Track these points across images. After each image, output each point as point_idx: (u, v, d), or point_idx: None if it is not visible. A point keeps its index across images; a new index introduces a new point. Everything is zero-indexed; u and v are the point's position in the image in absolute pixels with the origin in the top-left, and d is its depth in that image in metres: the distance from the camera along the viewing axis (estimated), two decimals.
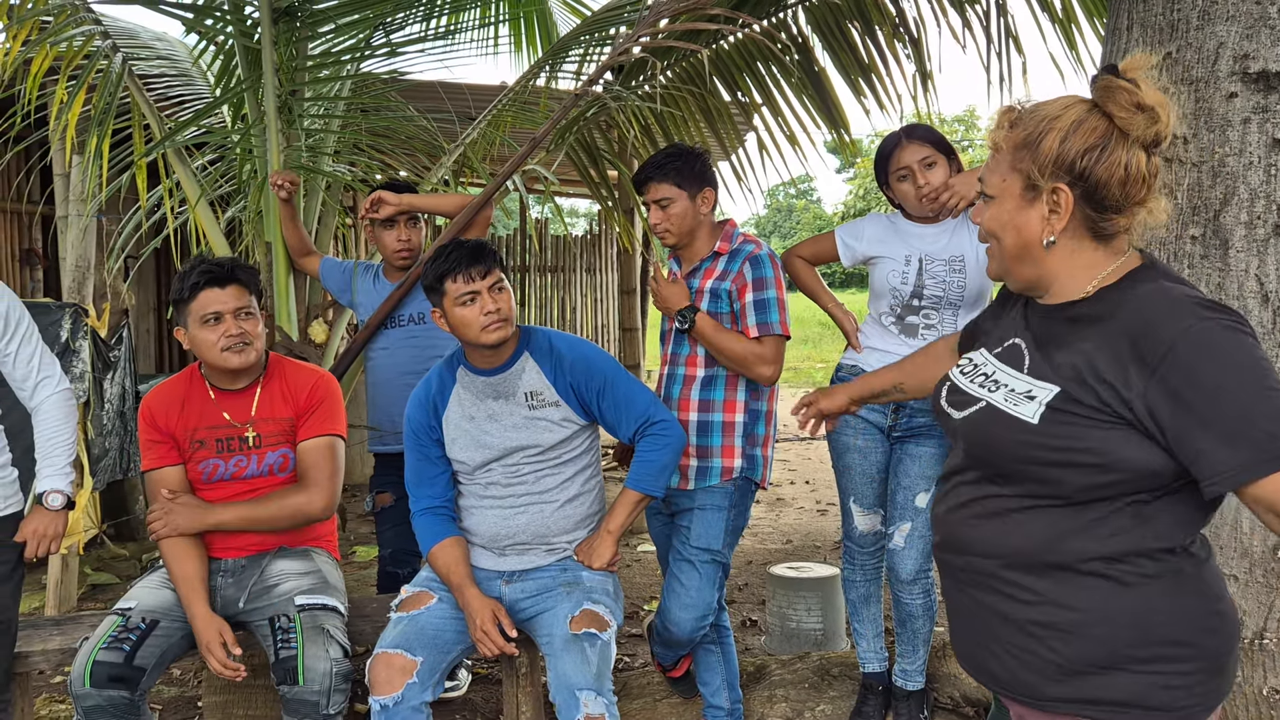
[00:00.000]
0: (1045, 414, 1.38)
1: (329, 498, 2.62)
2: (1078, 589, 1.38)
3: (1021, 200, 1.43)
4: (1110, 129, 1.37)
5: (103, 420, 4.70)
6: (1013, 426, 1.41)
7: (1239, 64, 2.26)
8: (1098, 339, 1.38)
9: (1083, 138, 1.38)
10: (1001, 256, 1.48)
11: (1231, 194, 2.28)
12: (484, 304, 2.44)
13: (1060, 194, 1.39)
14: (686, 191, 2.68)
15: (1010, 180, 1.43)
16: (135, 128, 3.85)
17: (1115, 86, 1.37)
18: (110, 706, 2.32)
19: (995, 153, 1.45)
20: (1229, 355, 1.28)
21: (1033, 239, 1.43)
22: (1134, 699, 1.36)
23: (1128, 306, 1.37)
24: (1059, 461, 1.37)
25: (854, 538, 2.90)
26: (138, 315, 7.93)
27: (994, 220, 1.47)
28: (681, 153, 2.72)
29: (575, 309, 10.78)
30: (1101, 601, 1.37)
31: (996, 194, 1.46)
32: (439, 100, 4.26)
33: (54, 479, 2.54)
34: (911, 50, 4.07)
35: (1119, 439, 1.33)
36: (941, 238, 2.74)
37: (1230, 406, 1.26)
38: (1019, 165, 1.42)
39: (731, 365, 2.66)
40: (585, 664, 2.30)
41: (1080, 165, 1.38)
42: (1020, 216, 1.43)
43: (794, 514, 6.68)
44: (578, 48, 4.09)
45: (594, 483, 2.63)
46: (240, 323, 2.55)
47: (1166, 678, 1.35)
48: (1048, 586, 1.40)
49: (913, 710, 2.89)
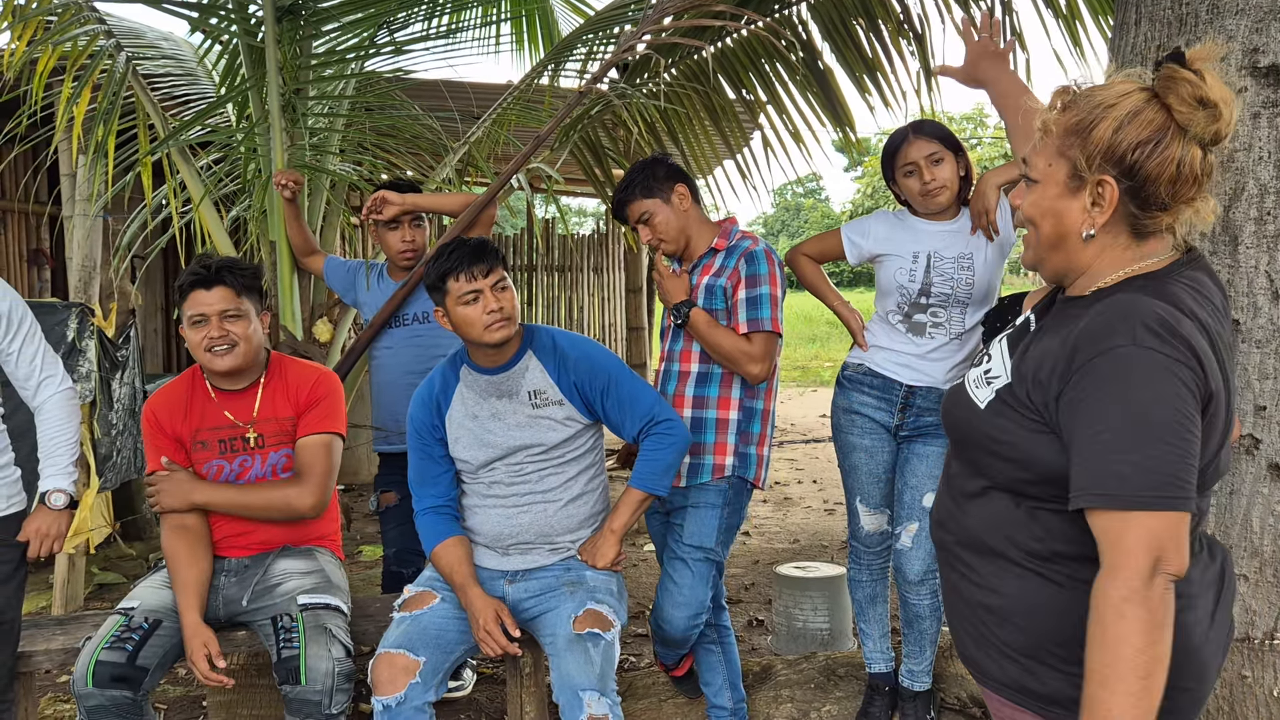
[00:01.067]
0: (991, 401, 1.39)
1: (320, 495, 2.60)
2: (1012, 577, 1.39)
3: (1065, 188, 1.36)
4: (1168, 123, 1.30)
5: (110, 420, 4.70)
6: (967, 407, 1.44)
7: (1249, 58, 2.24)
8: (1061, 336, 1.35)
9: (1137, 130, 1.30)
10: (1037, 244, 1.43)
11: (1240, 189, 2.26)
12: (487, 303, 2.43)
13: (1106, 187, 1.32)
14: (659, 197, 2.71)
15: (1055, 166, 1.37)
16: (140, 127, 3.85)
17: (1179, 78, 1.29)
18: (113, 706, 2.32)
19: (1044, 135, 1.38)
20: (1140, 385, 1.23)
21: (1071, 229, 1.37)
22: (1055, 695, 1.35)
23: (1094, 311, 1.32)
24: (991, 450, 1.38)
25: (860, 538, 2.89)
26: (145, 315, 7.94)
27: (1034, 206, 1.40)
28: (641, 167, 2.75)
29: (582, 308, 10.77)
30: (1029, 592, 1.37)
31: (1040, 178, 1.39)
32: (443, 99, 4.25)
33: (56, 478, 2.54)
34: (916, 47, 4.05)
35: (1039, 442, 1.33)
36: (949, 235, 2.72)
37: (1106, 429, 1.23)
38: (1067, 152, 1.35)
39: (722, 362, 2.65)
40: (589, 664, 2.29)
41: (1131, 159, 1.30)
42: (1061, 204, 1.37)
43: (801, 513, 6.66)
44: (582, 46, 4.08)
45: (598, 482, 2.62)
46: (226, 324, 2.53)
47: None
48: (988, 570, 1.42)
49: (919, 711, 2.87)
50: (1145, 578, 1.21)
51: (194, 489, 2.56)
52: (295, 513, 2.60)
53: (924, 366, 2.72)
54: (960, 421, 1.45)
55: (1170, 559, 1.21)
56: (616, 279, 10.60)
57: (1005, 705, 1.44)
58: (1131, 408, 1.23)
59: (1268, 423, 2.25)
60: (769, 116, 4.35)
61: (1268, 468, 2.25)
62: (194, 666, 2.38)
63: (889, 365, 2.75)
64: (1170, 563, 1.21)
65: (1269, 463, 2.25)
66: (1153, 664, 1.20)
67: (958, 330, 2.71)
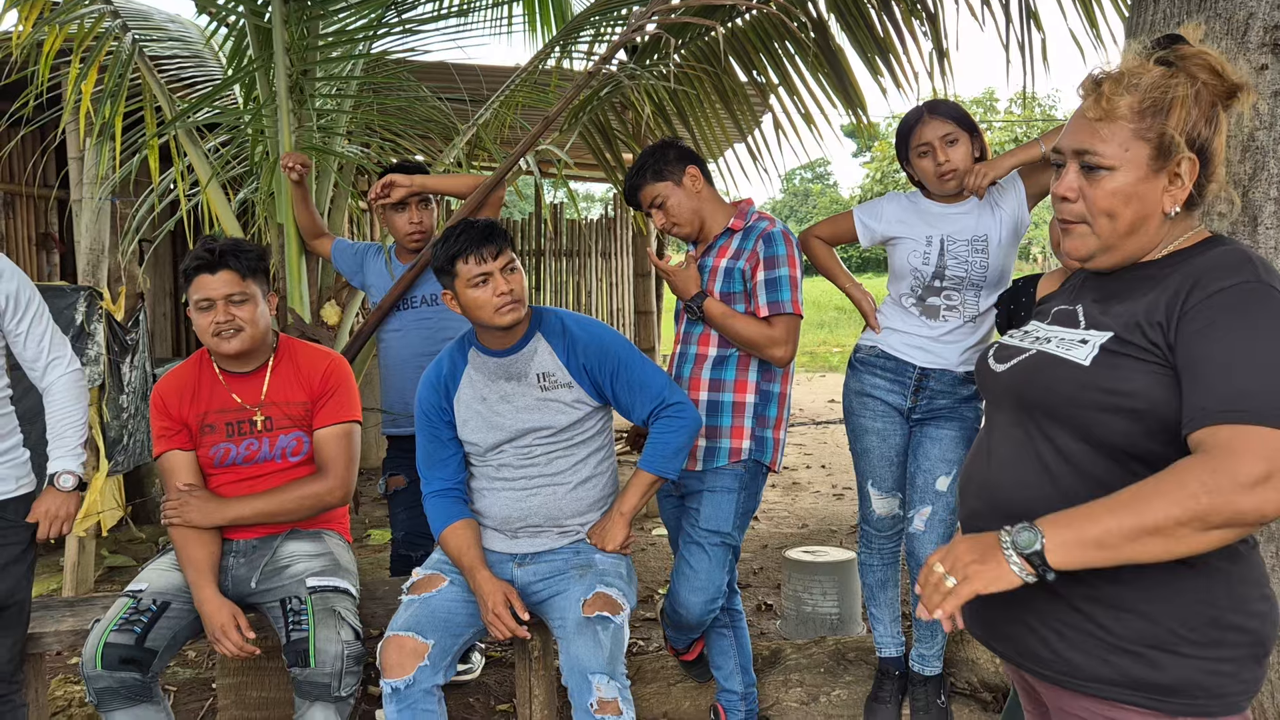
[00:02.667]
0: (1098, 356, 1.36)
1: (346, 486, 2.62)
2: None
3: (1147, 170, 1.36)
4: (1213, 98, 1.35)
5: (121, 404, 4.70)
6: (1065, 368, 1.39)
7: (1269, 35, 2.20)
8: (1160, 289, 1.35)
9: (1203, 108, 1.35)
10: (1111, 232, 1.40)
11: (1260, 169, 2.22)
12: (496, 285, 2.41)
13: (1186, 163, 1.35)
14: (671, 180, 2.69)
15: (1135, 149, 1.36)
16: (147, 109, 3.83)
17: (1192, 54, 1.36)
18: (122, 688, 2.32)
19: (1108, 121, 1.37)
20: (1269, 315, 1.25)
21: (1153, 210, 1.38)
22: (1181, 684, 1.30)
23: (1197, 261, 1.35)
24: (1106, 405, 1.33)
25: (871, 521, 2.87)
26: (153, 299, 7.94)
27: (1114, 195, 1.38)
28: (651, 151, 2.74)
29: (590, 293, 10.75)
30: (1162, 577, 1.32)
31: (1117, 164, 1.37)
32: (451, 81, 4.22)
33: (65, 460, 2.54)
34: (929, 27, 4.00)
35: (1163, 383, 1.30)
36: (963, 218, 2.68)
37: (1235, 353, 1.24)
38: (1147, 134, 1.35)
39: (744, 348, 2.63)
40: (598, 647, 2.28)
41: (1204, 135, 1.35)
42: (1143, 186, 1.37)
43: (810, 498, 6.65)
44: (590, 27, 4.04)
45: (607, 465, 2.60)
46: (232, 309, 2.51)
47: (1215, 663, 1.30)
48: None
49: (930, 695, 2.86)
50: (1246, 481, 1.18)
51: (222, 508, 2.55)
52: (326, 506, 2.62)
53: (937, 349, 2.70)
54: (1057, 385, 1.39)
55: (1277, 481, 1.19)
56: (624, 264, 10.57)
57: (1105, 705, 1.36)
58: (1261, 335, 1.24)
59: None
60: (779, 98, 4.30)
61: None
62: (222, 639, 2.37)
63: (902, 348, 2.73)
64: (1276, 485, 1.18)
65: None
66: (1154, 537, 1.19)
67: (972, 313, 2.69)
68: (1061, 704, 1.42)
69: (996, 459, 1.49)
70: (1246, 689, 1.33)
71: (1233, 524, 1.18)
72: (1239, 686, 1.31)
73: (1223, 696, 1.30)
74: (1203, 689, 1.30)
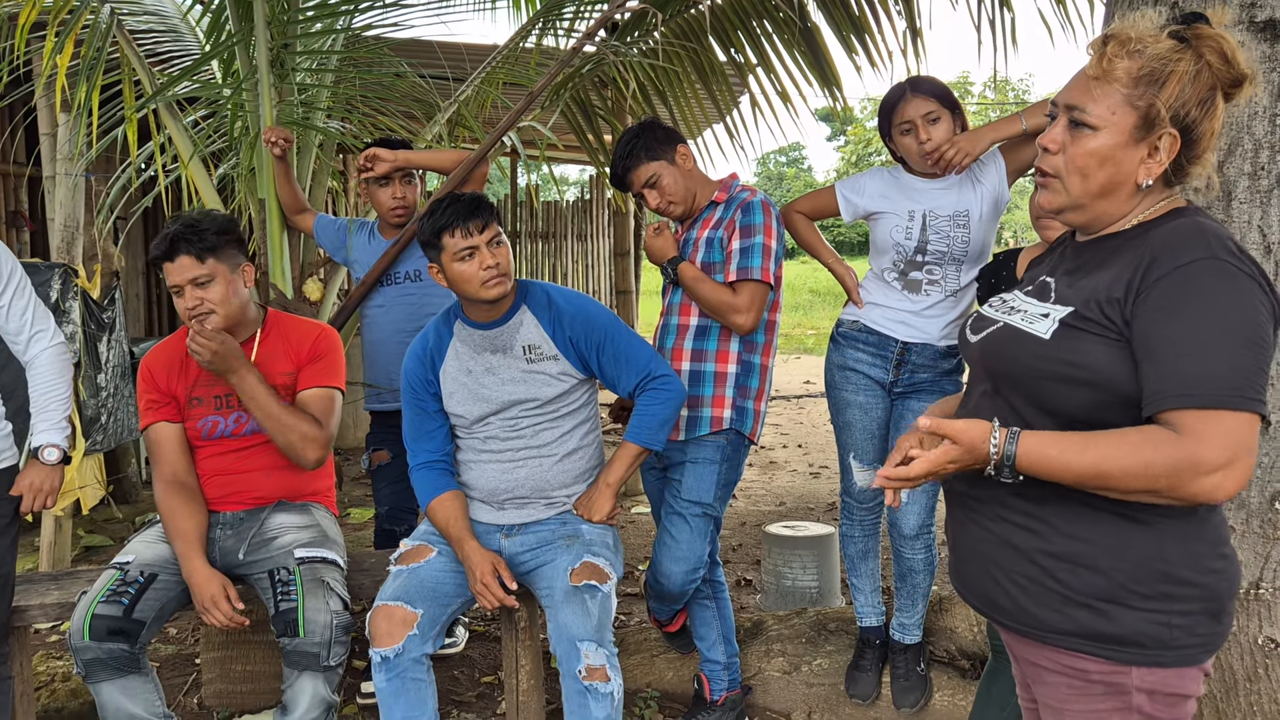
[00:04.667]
0: (1057, 330, 1.40)
1: (325, 445, 2.59)
2: (1085, 519, 1.39)
3: (1129, 137, 1.38)
4: (1214, 82, 1.36)
5: (98, 382, 4.66)
6: (1026, 341, 1.43)
7: (1245, 13, 2.24)
8: (1122, 263, 1.39)
9: (1198, 89, 1.36)
10: (1082, 190, 1.43)
11: (1236, 145, 2.27)
12: (483, 259, 2.42)
13: (1169, 139, 1.37)
14: (665, 159, 2.70)
15: (1121, 114, 1.38)
16: (125, 82, 3.79)
17: (1211, 35, 1.36)
18: (110, 659, 2.32)
19: (1104, 81, 1.39)
20: (1222, 294, 1.29)
21: (1126, 178, 1.40)
22: (1132, 635, 1.37)
23: (1159, 235, 1.38)
24: (1064, 377, 1.38)
25: (853, 494, 2.91)
26: (126, 278, 7.86)
27: (1092, 154, 1.40)
28: (638, 131, 2.74)
29: (566, 275, 10.75)
30: (1114, 535, 1.38)
31: (1101, 125, 1.39)
32: (434, 57, 4.21)
33: (49, 433, 2.52)
34: (903, 6, 4.04)
35: (1120, 357, 1.35)
36: (945, 193, 2.72)
37: (1189, 333, 1.28)
38: (1137, 101, 1.37)
39: (710, 314, 2.65)
40: (586, 615, 2.30)
41: (1192, 115, 1.36)
42: (1121, 152, 1.39)
43: (787, 476, 6.70)
44: (571, 4, 4.03)
45: (593, 437, 2.62)
46: (197, 291, 2.49)
47: (1168, 616, 1.36)
48: (1056, 515, 1.41)
49: (909, 663, 2.91)
50: (1208, 469, 1.25)
51: (241, 361, 2.50)
52: (302, 455, 2.55)
53: (919, 323, 2.73)
54: (1020, 356, 1.44)
55: (1241, 461, 1.25)
56: (601, 245, 10.57)
57: (1065, 655, 1.42)
58: (1215, 314, 1.28)
59: None
60: (757, 77, 4.33)
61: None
62: (212, 609, 2.37)
63: (884, 322, 2.76)
64: (1239, 466, 1.25)
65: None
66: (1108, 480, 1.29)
67: (953, 287, 2.73)
68: (1027, 655, 1.49)
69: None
70: (1203, 643, 1.38)
71: (1180, 501, 1.28)
72: (1193, 640, 1.37)
73: (1176, 648, 1.36)
74: (1155, 640, 1.36)
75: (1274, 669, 2.32)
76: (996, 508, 1.48)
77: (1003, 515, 1.47)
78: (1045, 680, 1.47)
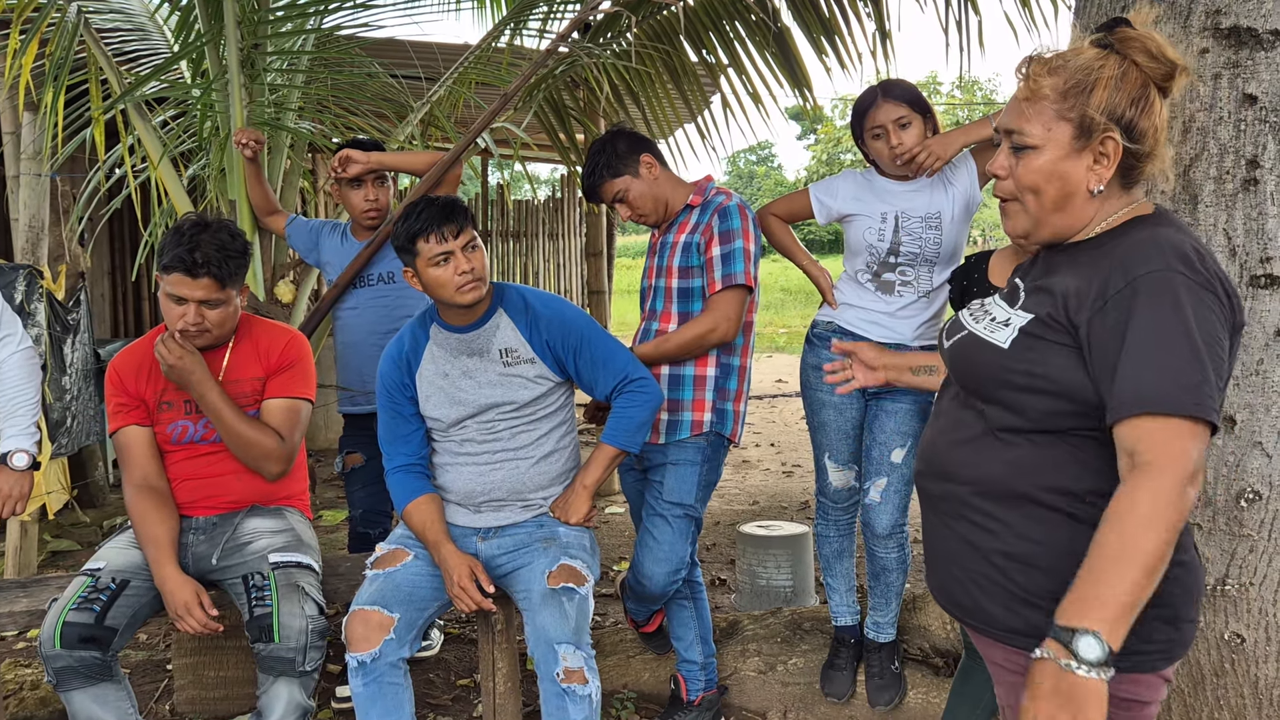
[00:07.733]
0: (1016, 339, 1.43)
1: (287, 460, 2.58)
2: (1039, 521, 1.42)
3: (1070, 149, 1.42)
4: (1145, 79, 1.40)
5: (63, 385, 4.60)
6: (987, 351, 1.47)
7: (1211, 19, 2.28)
8: (1083, 274, 1.41)
9: (1129, 88, 1.39)
10: (1038, 209, 1.46)
11: (1201, 149, 2.31)
12: (458, 264, 2.41)
13: (1110, 143, 1.40)
14: (628, 174, 2.73)
15: (1056, 129, 1.41)
16: (92, 82, 3.74)
17: (1134, 36, 1.40)
18: (81, 667, 2.29)
19: (1033, 101, 1.43)
20: (1177, 306, 1.31)
21: (1077, 188, 1.43)
22: None
23: (1120, 246, 1.40)
24: (1024, 386, 1.41)
25: (828, 493, 2.93)
26: (92, 280, 7.74)
27: (1037, 172, 1.43)
28: (600, 147, 2.75)
29: (538, 274, 10.71)
30: (1060, 536, 1.40)
31: (1040, 143, 1.43)
32: (406, 57, 4.19)
33: (18, 439, 2.50)
34: (872, 9, 4.08)
35: (1077, 364, 1.37)
36: (917, 195, 2.74)
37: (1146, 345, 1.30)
38: (1068, 114, 1.40)
39: (696, 353, 2.68)
40: (564, 618, 2.31)
41: (1128, 115, 1.39)
42: (1066, 165, 1.42)
43: (760, 476, 6.73)
44: (543, 4, 4.03)
45: (569, 439, 2.63)
46: (205, 311, 2.47)
47: None
48: (1012, 516, 1.44)
49: (884, 661, 2.94)
50: (1183, 482, 1.26)
51: (201, 369, 2.48)
52: (263, 466, 2.55)
53: (893, 324, 2.76)
54: (981, 365, 1.47)
55: (1200, 472, 1.28)
56: (573, 245, 10.55)
57: (1015, 654, 1.44)
58: (1167, 326, 1.30)
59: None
60: (729, 78, 4.36)
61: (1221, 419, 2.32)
62: (185, 616, 2.34)
63: (858, 323, 2.79)
64: (1199, 476, 1.28)
65: (1223, 414, 2.32)
66: (1160, 563, 1.26)
67: (926, 288, 2.75)
68: (989, 654, 1.52)
69: (939, 424, 1.59)
70: (1161, 650, 1.39)
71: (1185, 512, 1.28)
72: (1149, 646, 1.37)
73: (1129, 654, 1.32)
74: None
75: (1240, 664, 2.36)
76: (959, 507, 1.51)
77: (965, 515, 1.50)
78: (1002, 679, 1.50)
